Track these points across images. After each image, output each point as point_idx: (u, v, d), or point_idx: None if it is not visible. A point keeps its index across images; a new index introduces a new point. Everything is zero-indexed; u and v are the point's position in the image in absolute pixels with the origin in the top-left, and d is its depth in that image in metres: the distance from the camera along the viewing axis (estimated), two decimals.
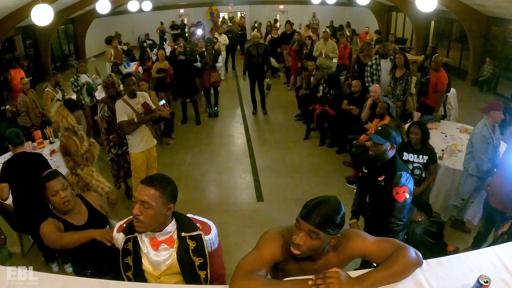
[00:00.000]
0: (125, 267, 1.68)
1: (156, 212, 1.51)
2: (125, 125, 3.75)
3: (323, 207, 1.36)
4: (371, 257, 1.46)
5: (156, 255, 1.62)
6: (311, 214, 1.34)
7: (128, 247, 1.65)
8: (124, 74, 4.40)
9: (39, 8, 4.28)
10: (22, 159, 3.10)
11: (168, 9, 17.28)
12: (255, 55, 6.83)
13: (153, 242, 1.61)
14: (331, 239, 1.40)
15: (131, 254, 1.65)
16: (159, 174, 1.62)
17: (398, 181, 2.36)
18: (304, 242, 1.36)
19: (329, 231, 1.35)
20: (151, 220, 1.51)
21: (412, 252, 1.40)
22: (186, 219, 1.67)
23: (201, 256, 1.63)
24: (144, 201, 1.48)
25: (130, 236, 1.64)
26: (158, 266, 1.64)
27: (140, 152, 4.00)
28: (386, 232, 2.45)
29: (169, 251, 1.62)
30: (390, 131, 2.43)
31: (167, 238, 1.61)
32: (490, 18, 8.55)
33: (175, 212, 1.64)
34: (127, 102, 3.78)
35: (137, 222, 1.52)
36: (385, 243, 1.46)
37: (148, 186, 1.50)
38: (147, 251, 1.63)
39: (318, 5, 12.65)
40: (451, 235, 3.70)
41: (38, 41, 10.94)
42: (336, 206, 1.38)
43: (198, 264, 1.63)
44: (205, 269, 1.65)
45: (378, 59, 5.58)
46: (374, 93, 4.86)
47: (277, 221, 4.07)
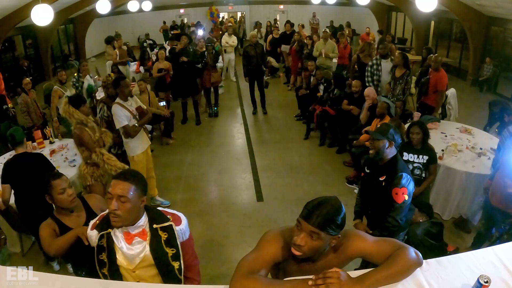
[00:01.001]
0: (100, 264, 1.72)
1: (133, 206, 1.56)
2: (131, 129, 3.77)
3: (324, 207, 1.36)
4: (371, 257, 1.46)
5: (130, 249, 1.66)
6: (312, 214, 1.35)
7: (102, 244, 1.69)
8: (116, 77, 4.39)
9: (39, 8, 4.28)
10: (24, 160, 3.10)
11: (168, 9, 17.28)
12: (254, 55, 6.83)
13: (127, 236, 1.65)
14: (332, 239, 1.40)
15: (106, 250, 1.69)
16: (128, 169, 1.69)
17: (398, 182, 2.37)
18: (305, 242, 1.36)
19: (330, 231, 1.35)
20: (128, 214, 1.57)
21: (412, 252, 1.40)
22: (157, 211, 1.73)
23: (174, 247, 1.68)
24: (121, 195, 1.53)
25: (103, 233, 1.68)
26: (132, 259, 1.68)
27: (141, 153, 4.01)
28: (381, 230, 2.48)
29: (142, 244, 1.66)
30: (389, 128, 2.46)
31: (140, 231, 1.66)
32: (490, 18, 8.55)
33: (146, 206, 1.69)
34: (123, 106, 3.76)
35: (114, 217, 1.56)
36: (385, 243, 1.46)
37: (123, 181, 1.56)
38: (121, 246, 1.66)
39: (318, 5, 12.64)
40: (451, 235, 3.70)
41: (38, 41, 10.93)
42: (337, 207, 1.38)
43: (171, 255, 1.69)
44: (178, 260, 1.71)
45: (379, 59, 5.58)
46: (367, 97, 4.89)
47: (277, 221, 4.07)
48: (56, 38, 12.34)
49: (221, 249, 3.69)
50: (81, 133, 3.38)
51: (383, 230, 2.47)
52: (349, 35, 11.90)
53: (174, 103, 7.81)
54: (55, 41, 12.25)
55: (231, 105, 8.34)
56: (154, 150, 5.93)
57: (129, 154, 4.03)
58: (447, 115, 5.55)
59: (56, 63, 12.24)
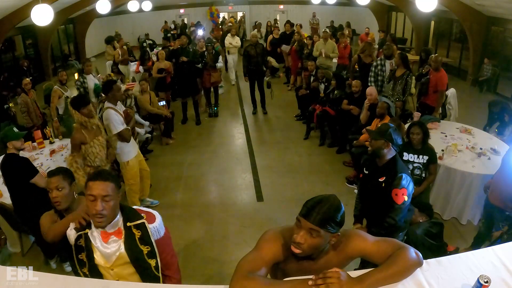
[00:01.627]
0: (80, 263, 1.75)
1: (115, 203, 1.64)
2: (127, 134, 3.75)
3: (323, 205, 1.36)
4: (371, 257, 1.46)
5: (106, 247, 1.70)
6: (312, 212, 1.35)
7: (81, 244, 1.72)
8: (107, 80, 4.37)
9: (39, 8, 4.28)
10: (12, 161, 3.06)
11: (168, 9, 17.27)
12: (254, 55, 6.83)
13: (104, 235, 1.69)
14: (332, 237, 1.40)
15: (84, 250, 1.72)
16: (102, 169, 1.71)
17: (398, 183, 2.37)
18: (305, 240, 1.36)
19: (329, 229, 1.36)
20: (112, 212, 1.64)
21: (412, 252, 1.40)
22: (131, 209, 1.77)
23: (148, 245, 1.72)
24: (106, 195, 1.59)
25: (81, 233, 1.72)
26: (109, 258, 1.71)
27: (134, 157, 3.97)
28: (378, 229, 2.49)
29: (117, 242, 1.70)
30: (388, 129, 2.46)
31: (116, 230, 1.70)
32: (490, 18, 8.54)
33: (121, 204, 1.73)
34: (116, 110, 3.72)
35: (100, 218, 1.60)
36: (385, 243, 1.46)
37: (103, 181, 1.61)
38: (97, 245, 1.70)
39: (318, 5, 12.64)
40: (451, 235, 3.70)
41: (38, 41, 10.93)
42: (336, 205, 1.39)
43: (146, 253, 1.72)
44: (155, 258, 1.75)
45: (383, 59, 5.57)
46: (370, 96, 4.86)
47: (277, 221, 4.07)
48: (56, 38, 12.34)
49: (221, 249, 3.69)
50: (74, 133, 3.42)
51: (381, 229, 2.48)
52: (349, 35, 11.89)
53: (174, 103, 7.81)
54: (55, 41, 12.25)
55: (231, 105, 8.34)
56: (154, 150, 5.94)
57: (122, 160, 3.90)
58: (447, 115, 5.55)
59: (56, 63, 12.24)
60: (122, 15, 15.81)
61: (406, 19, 12.77)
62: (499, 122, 4.74)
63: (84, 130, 3.38)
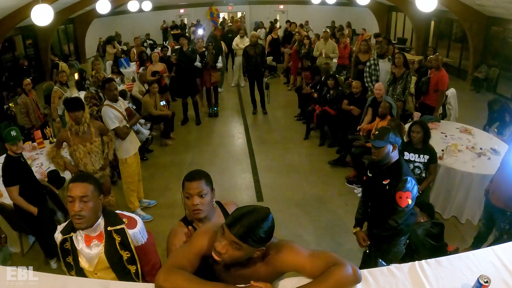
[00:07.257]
0: (67, 266, 1.77)
1: (94, 204, 1.64)
2: (122, 131, 3.77)
3: (250, 218, 1.28)
4: (304, 272, 1.39)
5: (88, 251, 1.71)
6: (236, 224, 1.28)
7: (67, 247, 1.73)
8: (104, 79, 4.37)
9: (39, 8, 4.28)
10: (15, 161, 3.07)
11: (168, 9, 17.26)
12: (254, 55, 6.82)
13: (87, 239, 1.71)
14: (256, 251, 1.34)
15: (71, 253, 1.73)
16: (82, 172, 1.71)
17: (403, 186, 2.36)
18: (226, 251, 1.30)
19: (252, 244, 1.29)
20: (91, 213, 1.63)
21: (348, 269, 1.34)
22: (113, 214, 1.77)
23: (128, 250, 1.72)
24: (84, 196, 1.60)
25: (67, 236, 1.72)
26: (91, 261, 1.73)
27: (133, 154, 4.02)
28: (380, 231, 2.49)
29: (99, 246, 1.72)
30: (387, 132, 2.44)
31: (98, 233, 1.71)
32: (490, 18, 8.55)
33: (104, 209, 1.75)
34: (113, 107, 3.76)
35: (79, 219, 1.60)
36: (319, 259, 1.38)
37: (82, 182, 1.63)
38: (80, 248, 1.71)
39: (318, 5, 12.64)
40: (451, 235, 3.70)
41: (38, 41, 10.93)
42: (263, 219, 1.30)
43: (126, 258, 1.73)
44: (135, 264, 1.74)
45: (376, 59, 5.58)
46: (379, 91, 4.77)
47: (277, 221, 3.98)
48: (56, 38, 12.33)
49: None
50: (62, 130, 3.58)
51: (383, 231, 2.48)
52: (349, 35, 11.89)
53: (174, 103, 7.81)
54: (55, 41, 12.24)
55: (231, 105, 8.34)
56: (154, 150, 5.94)
57: (121, 157, 3.96)
58: (447, 115, 5.56)
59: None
60: (122, 15, 15.79)
61: (406, 19, 12.77)
62: (499, 122, 4.74)
63: (69, 132, 3.31)
